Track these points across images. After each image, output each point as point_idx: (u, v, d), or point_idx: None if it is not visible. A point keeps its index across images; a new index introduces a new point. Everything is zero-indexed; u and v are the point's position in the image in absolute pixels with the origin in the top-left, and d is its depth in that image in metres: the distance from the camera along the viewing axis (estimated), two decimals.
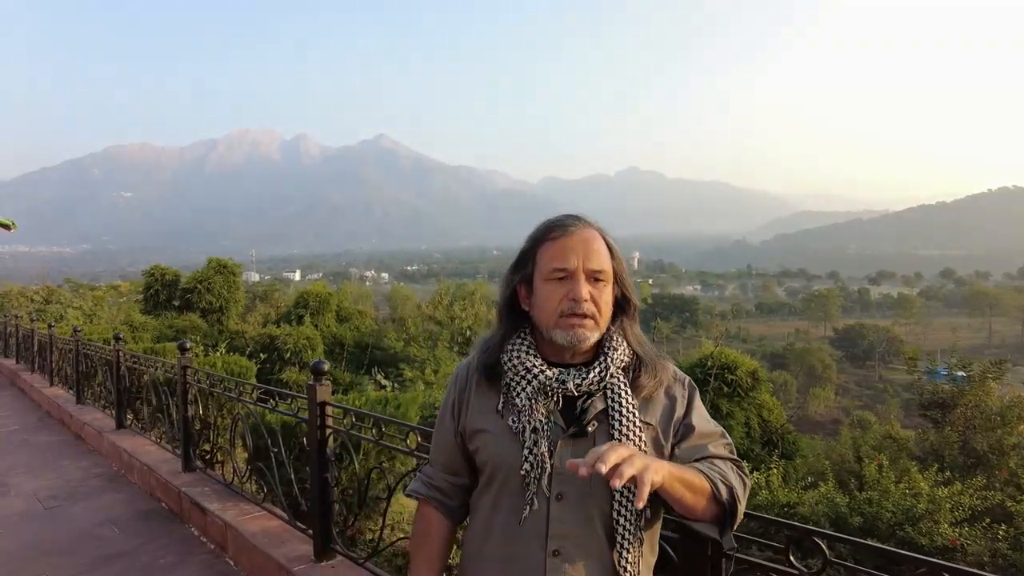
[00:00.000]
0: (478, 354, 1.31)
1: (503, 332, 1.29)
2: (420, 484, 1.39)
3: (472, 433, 1.28)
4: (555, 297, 1.19)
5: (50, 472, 5.73)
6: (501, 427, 1.23)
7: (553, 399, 1.21)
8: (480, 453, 1.27)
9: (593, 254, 1.20)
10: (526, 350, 1.25)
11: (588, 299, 1.18)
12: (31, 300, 25.47)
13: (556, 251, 1.20)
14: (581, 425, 1.19)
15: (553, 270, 1.20)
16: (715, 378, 7.71)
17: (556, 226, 1.23)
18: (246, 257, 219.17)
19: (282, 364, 16.04)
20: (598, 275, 1.21)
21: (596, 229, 1.25)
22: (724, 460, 1.25)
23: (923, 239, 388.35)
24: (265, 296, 31.22)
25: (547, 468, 1.17)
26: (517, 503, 1.20)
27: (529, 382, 1.21)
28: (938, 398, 8.56)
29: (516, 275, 1.27)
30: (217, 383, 4.61)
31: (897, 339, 69.57)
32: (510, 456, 1.20)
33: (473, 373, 1.31)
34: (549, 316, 1.21)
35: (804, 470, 7.70)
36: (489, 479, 1.26)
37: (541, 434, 1.18)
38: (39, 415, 8.53)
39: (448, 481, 1.36)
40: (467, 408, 1.30)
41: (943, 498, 5.42)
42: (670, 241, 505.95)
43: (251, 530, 3.62)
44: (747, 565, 1.58)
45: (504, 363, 1.25)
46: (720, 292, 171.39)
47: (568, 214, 1.27)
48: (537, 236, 1.25)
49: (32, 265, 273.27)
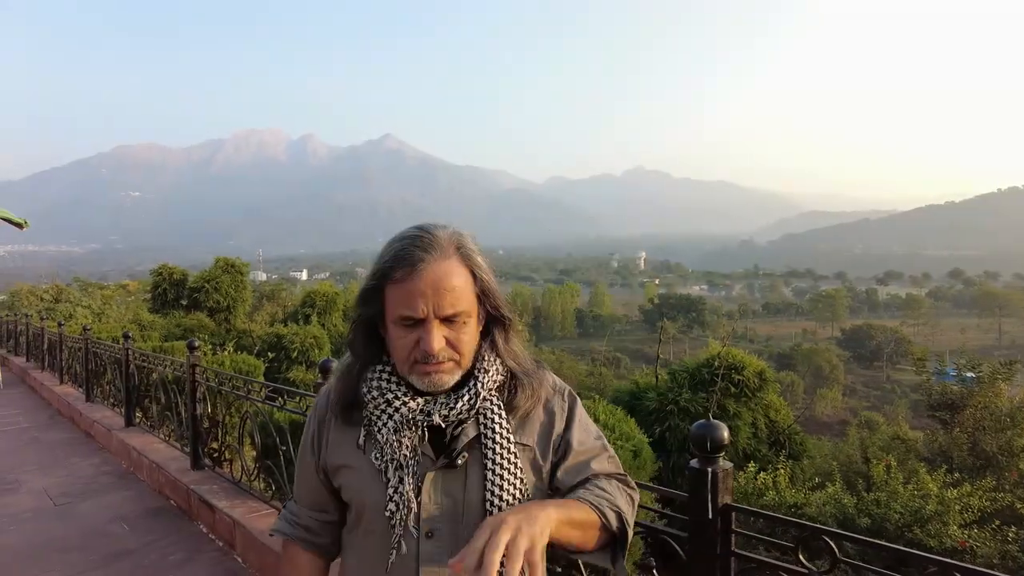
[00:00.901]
0: (339, 383, 1.16)
1: (361, 362, 1.14)
2: (284, 523, 1.25)
3: (334, 469, 1.15)
4: (406, 344, 1.04)
5: (60, 469, 5.78)
6: (363, 463, 1.10)
7: (418, 432, 1.08)
8: (345, 491, 1.15)
9: (445, 296, 1.01)
10: (386, 379, 1.10)
11: (443, 347, 1.03)
12: (41, 299, 25.68)
13: (402, 296, 1.02)
14: (451, 457, 1.07)
15: (400, 318, 1.03)
16: (722, 378, 7.69)
17: (402, 261, 1.02)
18: (253, 256, 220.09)
19: (289, 363, 16.09)
20: (454, 317, 1.03)
21: (454, 253, 1.04)
22: (609, 478, 1.15)
23: (931, 239, 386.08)
24: (272, 295, 31.32)
25: (413, 507, 1.06)
26: (383, 543, 1.08)
27: (391, 416, 1.07)
28: (947, 399, 8.52)
29: (365, 311, 1.09)
30: (225, 381, 4.64)
31: (905, 340, 69.28)
32: (374, 494, 1.08)
33: (332, 405, 1.16)
34: (402, 362, 1.06)
35: (811, 471, 7.67)
36: (356, 518, 1.15)
37: (406, 471, 1.06)
38: (49, 413, 8.60)
39: (315, 519, 1.22)
40: (327, 442, 1.17)
41: (952, 500, 5.39)
42: (676, 241, 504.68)
43: (259, 528, 3.64)
44: (755, 564, 1.58)
45: (363, 394, 1.11)
46: (727, 292, 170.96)
47: (418, 232, 1.05)
48: (383, 272, 1.04)
49: (41, 264, 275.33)
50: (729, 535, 1.56)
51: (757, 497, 5.90)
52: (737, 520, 1.58)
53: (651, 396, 7.78)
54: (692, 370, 8.24)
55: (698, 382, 7.99)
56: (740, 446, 7.70)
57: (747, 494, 5.97)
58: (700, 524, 1.57)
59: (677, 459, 7.07)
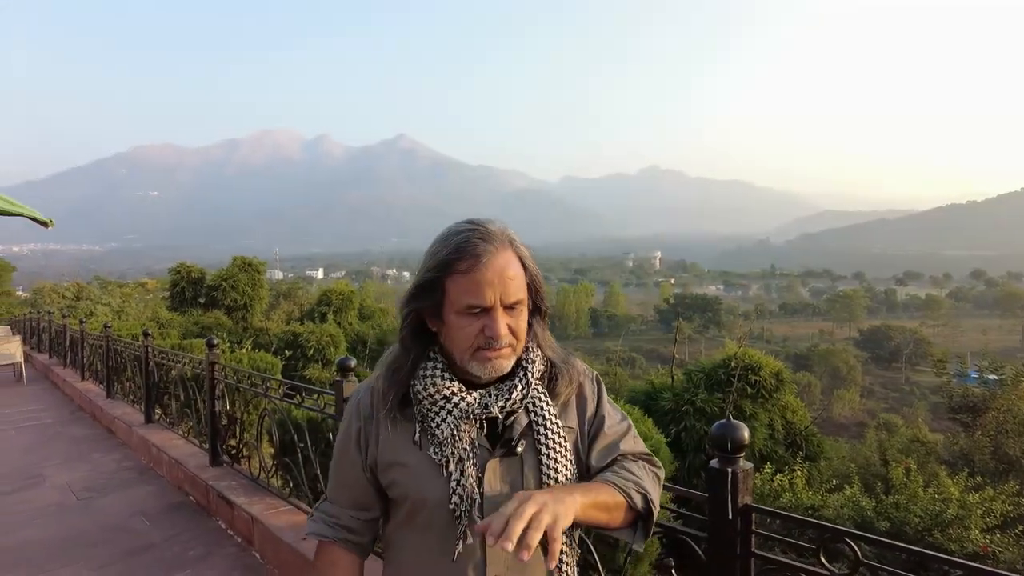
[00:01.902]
0: (386, 382, 1.17)
1: (413, 358, 1.16)
2: (323, 525, 1.24)
3: (386, 467, 1.16)
4: (470, 332, 1.08)
5: (83, 464, 5.87)
6: (420, 459, 1.12)
7: (476, 424, 1.13)
8: (396, 487, 1.15)
9: (510, 285, 1.08)
10: (440, 374, 1.14)
11: (506, 333, 1.08)
12: (62, 296, 26.12)
13: (469, 286, 1.06)
14: (510, 445, 1.13)
15: (467, 307, 1.07)
16: (738, 379, 7.64)
17: (466, 253, 1.07)
18: (269, 255, 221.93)
19: (305, 361, 16.20)
20: (515, 304, 1.09)
21: (509, 246, 1.11)
22: (636, 458, 1.23)
23: (952, 239, 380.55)
24: (289, 294, 31.56)
25: (476, 498, 1.09)
26: (446, 537, 1.11)
27: (450, 411, 1.11)
28: (968, 401, 8.40)
29: (421, 303, 1.13)
30: (243, 379, 4.69)
31: (925, 341, 68.33)
32: (435, 490, 1.10)
33: (380, 402, 1.17)
34: (463, 350, 1.10)
35: (828, 473, 7.59)
36: (411, 514, 1.15)
37: (467, 463, 1.10)
38: (71, 408, 8.74)
39: (356, 518, 1.23)
40: (376, 440, 1.17)
41: (974, 504, 5.31)
42: (692, 240, 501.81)
43: (277, 524, 3.67)
44: (776, 565, 1.57)
45: (417, 392, 1.14)
46: (743, 292, 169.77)
47: (475, 227, 1.10)
48: (444, 264, 1.08)
49: (62, 262, 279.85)
50: (749, 536, 1.55)
51: (774, 499, 5.85)
52: (756, 521, 1.57)
53: (667, 396, 7.74)
54: (708, 370, 8.19)
55: (714, 382, 7.94)
56: (757, 447, 7.64)
57: (764, 495, 5.93)
58: (720, 524, 1.56)
59: (693, 459, 7.03)
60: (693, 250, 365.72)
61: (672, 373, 8.93)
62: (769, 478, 6.17)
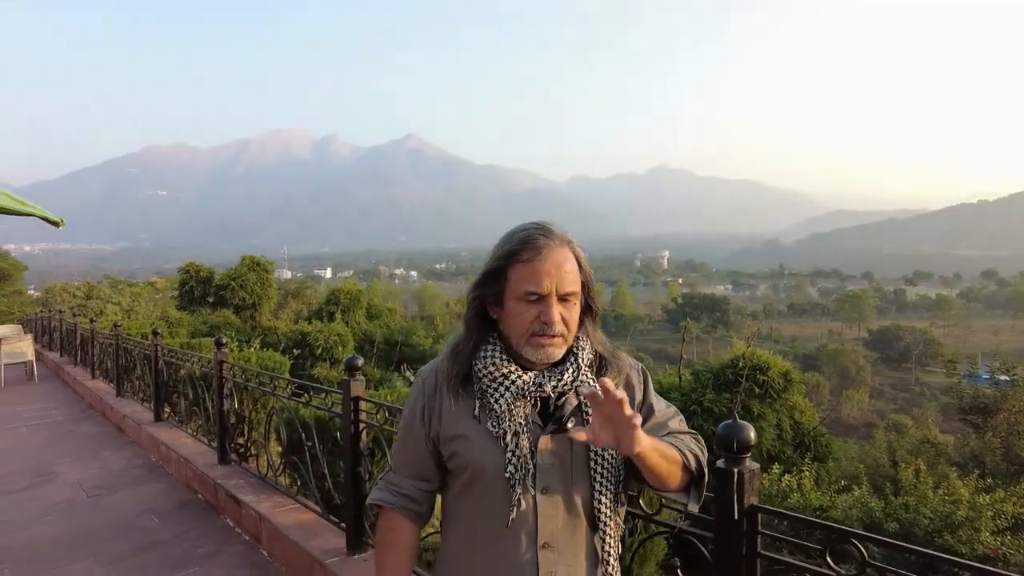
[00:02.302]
0: (449, 361, 1.32)
1: (475, 340, 1.30)
2: (387, 493, 1.38)
3: (448, 439, 1.29)
4: (527, 318, 1.22)
5: (93, 462, 5.92)
6: (479, 432, 1.26)
7: (531, 401, 1.26)
8: (457, 458, 1.28)
9: (566, 277, 1.22)
10: (499, 356, 1.27)
11: (559, 321, 1.21)
12: (73, 296, 26.32)
13: (529, 274, 1.21)
14: (561, 422, 1.26)
15: (526, 293, 1.21)
16: (746, 379, 7.61)
17: (529, 245, 1.22)
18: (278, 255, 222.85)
19: (313, 360, 16.26)
20: (569, 296, 1.23)
21: (567, 244, 1.26)
22: (684, 434, 1.34)
23: (963, 239, 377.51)
24: (297, 293, 31.67)
25: (530, 468, 1.22)
26: (501, 504, 1.23)
27: (507, 388, 1.24)
28: (979, 402, 8.32)
29: (485, 290, 1.28)
30: (252, 378, 4.71)
31: (935, 341, 67.74)
32: (492, 459, 1.23)
33: (443, 380, 1.32)
34: (520, 335, 1.24)
35: (837, 473, 7.55)
36: (469, 483, 1.28)
37: (522, 436, 1.23)
38: (82, 407, 8.81)
39: (417, 488, 1.37)
40: (439, 414, 1.31)
41: (984, 505, 5.26)
42: (700, 240, 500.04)
43: (285, 522, 3.69)
44: (783, 566, 1.57)
45: (478, 370, 1.28)
46: (751, 292, 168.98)
47: (538, 225, 1.26)
48: (509, 254, 1.24)
49: (73, 261, 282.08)
50: (755, 536, 1.55)
51: (782, 499, 5.83)
52: (762, 522, 1.56)
53: (674, 396, 7.73)
54: (716, 370, 8.17)
55: (722, 383, 7.92)
56: (764, 447, 7.61)
57: (771, 496, 5.90)
58: (726, 525, 1.56)
59: None
60: (701, 250, 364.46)
61: (680, 373, 8.90)
62: (777, 479, 6.15)
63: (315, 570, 3.23)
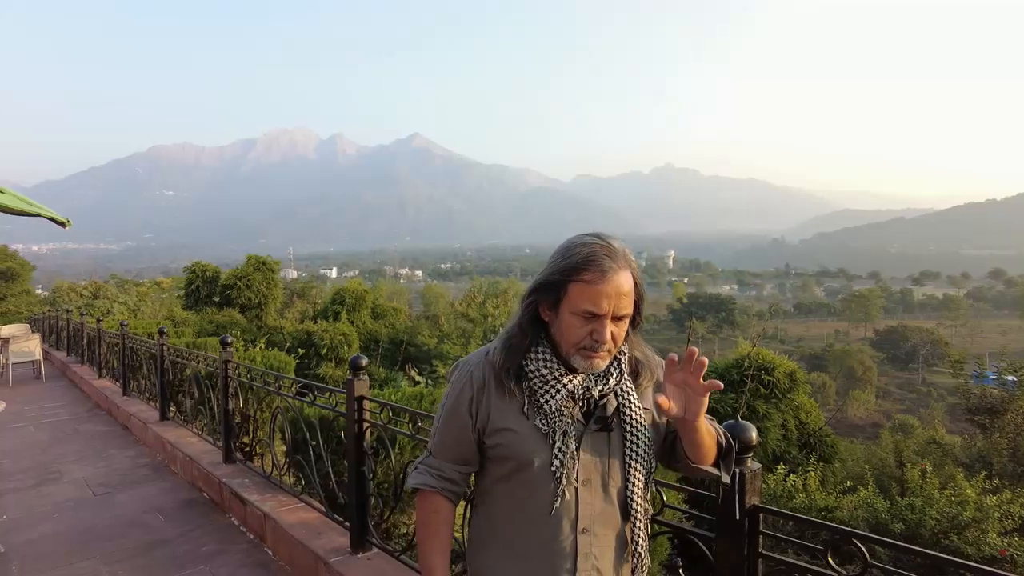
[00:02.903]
0: (503, 357, 1.38)
1: (529, 341, 1.37)
2: (430, 477, 1.45)
3: (495, 431, 1.37)
4: (580, 333, 1.29)
5: (99, 461, 5.95)
6: (528, 427, 1.34)
7: (579, 404, 1.35)
8: (502, 449, 1.36)
9: (623, 300, 1.28)
10: (550, 358, 1.35)
11: (610, 340, 1.29)
12: (80, 295, 26.47)
13: (590, 295, 1.27)
14: (603, 421, 1.36)
15: (584, 312, 1.28)
16: (752, 379, 7.59)
17: (594, 266, 1.27)
18: (283, 254, 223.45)
19: (319, 359, 16.30)
20: (623, 317, 1.31)
21: (628, 268, 1.31)
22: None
23: (971, 238, 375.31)
24: (302, 293, 31.75)
25: (575, 463, 1.33)
26: (543, 491, 1.33)
27: (559, 390, 1.33)
28: (987, 403, 8.29)
29: (543, 296, 1.34)
30: (257, 377, 4.72)
31: (942, 341, 67.32)
32: (539, 454, 1.33)
33: (491, 372, 1.39)
34: (571, 345, 1.32)
35: (843, 474, 7.53)
36: (512, 472, 1.36)
37: (569, 434, 1.33)
38: (88, 406, 8.86)
39: (458, 471, 1.45)
40: (488, 407, 1.38)
41: (991, 506, 5.24)
42: (706, 239, 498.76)
43: (289, 521, 3.71)
44: (783, 566, 1.56)
45: (529, 370, 1.36)
46: (757, 292, 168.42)
47: (603, 244, 1.30)
48: (571, 269, 1.29)
49: (80, 261, 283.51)
50: (757, 537, 1.55)
51: (787, 500, 5.81)
52: (766, 522, 1.56)
53: None
54: (721, 370, 8.15)
55: (728, 383, 7.89)
56: (769, 448, 7.59)
57: (776, 496, 5.89)
58: (728, 525, 1.56)
59: None
60: (707, 249, 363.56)
61: None
62: (782, 479, 6.13)
63: (319, 569, 3.24)
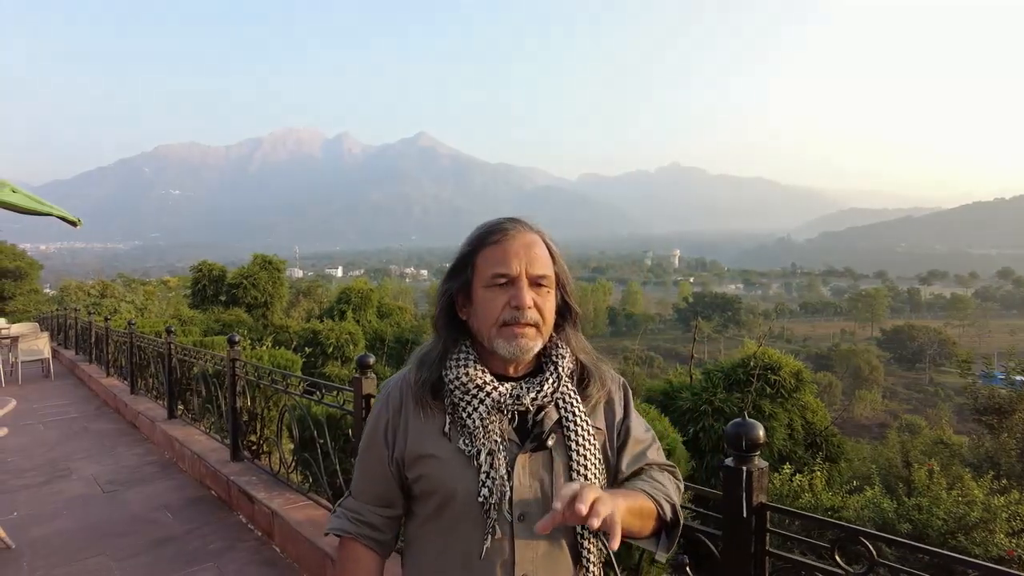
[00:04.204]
0: (416, 371, 1.19)
1: (443, 345, 1.18)
2: (345, 521, 1.24)
3: (414, 460, 1.15)
4: (496, 305, 1.11)
5: (108, 458, 5.99)
6: (450, 450, 1.12)
7: (508, 416, 1.13)
8: (424, 481, 1.14)
9: (536, 259, 1.12)
10: (472, 364, 1.15)
11: (532, 306, 1.10)
12: (88, 294, 26.61)
13: (497, 256, 1.11)
14: (540, 439, 1.12)
15: (494, 275, 1.11)
16: (758, 379, 7.57)
17: (496, 230, 1.14)
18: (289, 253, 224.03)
19: (325, 358, 16.34)
20: (541, 280, 1.12)
21: (538, 233, 1.17)
22: (661, 469, 1.25)
23: (979, 237, 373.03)
24: (308, 292, 31.87)
25: (507, 491, 1.09)
26: (474, 531, 1.10)
27: (482, 400, 1.11)
28: (995, 403, 8.24)
29: (453, 282, 1.17)
30: (264, 376, 4.74)
31: (949, 341, 67.03)
32: (463, 481, 1.10)
33: (409, 392, 1.18)
34: (490, 325, 1.12)
35: (849, 474, 7.51)
36: (438, 508, 1.13)
37: (498, 455, 1.09)
38: (96, 404, 8.91)
39: (380, 515, 1.23)
40: (405, 432, 1.17)
41: (999, 507, 5.21)
42: (712, 238, 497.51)
43: (297, 519, 3.72)
44: (791, 564, 1.57)
45: (448, 380, 1.14)
46: (763, 291, 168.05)
47: (509, 217, 1.18)
48: (476, 240, 1.15)
49: (88, 260, 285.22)
50: (763, 534, 1.55)
51: (793, 499, 5.80)
52: (772, 521, 1.57)
53: (685, 396, 7.70)
54: (727, 370, 8.13)
55: (733, 382, 7.88)
56: (775, 447, 7.57)
57: (782, 496, 5.87)
58: (734, 523, 1.56)
59: (711, 460, 6.99)
60: (713, 248, 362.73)
61: (691, 372, 8.86)
62: (788, 479, 6.11)
63: (327, 566, 3.26)
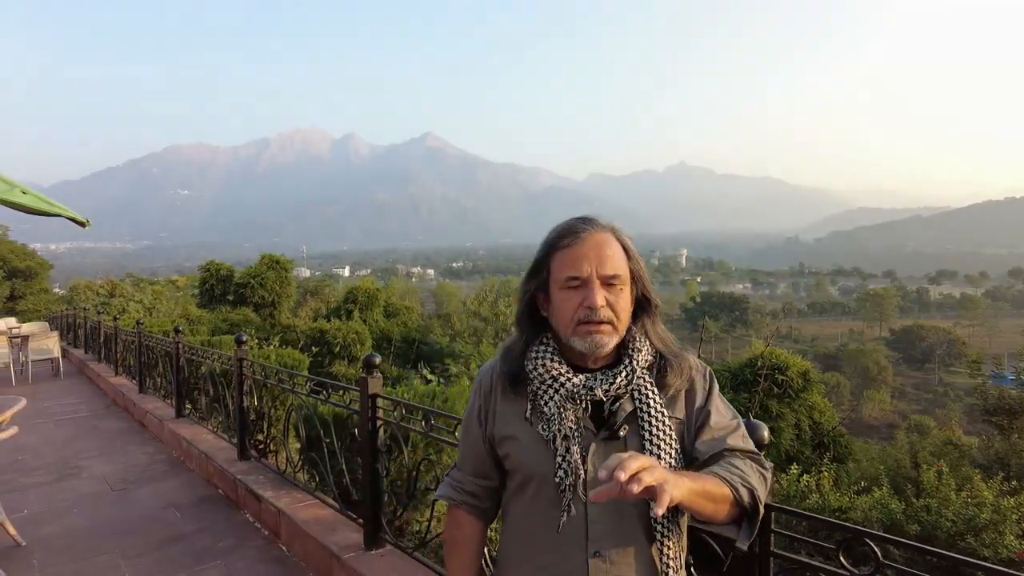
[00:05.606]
0: (501, 360, 1.31)
1: (525, 339, 1.28)
2: (450, 489, 1.39)
3: (501, 439, 1.28)
4: (571, 305, 1.18)
5: (117, 457, 6.04)
6: (530, 434, 1.22)
7: (582, 405, 1.20)
8: (510, 459, 1.27)
9: (607, 259, 1.18)
10: (550, 356, 1.24)
11: (604, 305, 1.17)
12: (97, 294, 26.78)
13: (569, 259, 1.18)
14: (612, 429, 1.19)
15: (567, 279, 1.18)
16: (765, 379, 7.55)
17: (567, 232, 1.20)
18: (297, 253, 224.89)
19: (332, 357, 16.40)
20: (613, 280, 1.18)
21: (610, 231, 1.22)
22: (743, 455, 1.23)
23: (990, 236, 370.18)
24: (315, 291, 31.96)
25: (581, 474, 1.17)
26: (552, 509, 1.19)
27: (556, 390, 1.20)
28: (1005, 404, 8.19)
29: (532, 283, 1.26)
30: (271, 375, 4.76)
31: (959, 341, 66.56)
32: (542, 463, 1.20)
33: (497, 380, 1.30)
34: (566, 324, 1.20)
35: (857, 474, 7.46)
36: (521, 485, 1.25)
37: (572, 441, 1.18)
38: (106, 403, 8.97)
39: (478, 485, 1.36)
40: (493, 414, 1.30)
41: (1009, 508, 5.17)
42: (720, 238, 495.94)
43: (303, 518, 3.74)
44: (796, 565, 1.56)
45: (529, 371, 1.25)
46: (771, 291, 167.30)
47: (580, 217, 1.24)
48: (549, 243, 1.23)
49: (97, 260, 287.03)
50: (768, 535, 1.55)
51: (800, 500, 5.78)
52: (778, 521, 1.56)
53: None
54: (734, 370, 8.11)
55: (740, 382, 7.86)
56: (783, 448, 7.55)
57: (789, 497, 5.85)
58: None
59: None
60: (721, 248, 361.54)
61: None
62: (795, 479, 6.09)
63: (333, 565, 3.27)
